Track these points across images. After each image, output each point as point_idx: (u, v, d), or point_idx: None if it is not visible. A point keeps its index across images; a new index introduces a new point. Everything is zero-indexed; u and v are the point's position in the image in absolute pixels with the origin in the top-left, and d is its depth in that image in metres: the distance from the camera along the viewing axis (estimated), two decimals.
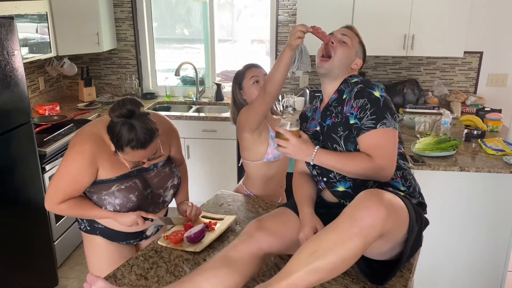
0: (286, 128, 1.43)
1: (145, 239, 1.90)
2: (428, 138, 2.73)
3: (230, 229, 1.79)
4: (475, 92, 3.82)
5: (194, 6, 4.20)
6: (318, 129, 1.56)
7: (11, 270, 2.46)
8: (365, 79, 1.53)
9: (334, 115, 1.50)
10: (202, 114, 3.79)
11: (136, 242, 1.89)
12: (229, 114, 2.52)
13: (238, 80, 2.11)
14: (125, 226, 1.72)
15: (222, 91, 4.03)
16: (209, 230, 1.74)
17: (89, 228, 1.81)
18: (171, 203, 1.90)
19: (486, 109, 3.34)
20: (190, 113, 3.81)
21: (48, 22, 3.32)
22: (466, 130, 2.88)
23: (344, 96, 1.50)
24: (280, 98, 3.72)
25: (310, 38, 1.57)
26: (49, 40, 3.35)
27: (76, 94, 4.18)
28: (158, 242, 1.69)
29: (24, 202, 2.53)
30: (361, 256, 1.18)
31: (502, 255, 2.62)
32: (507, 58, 3.68)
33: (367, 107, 1.40)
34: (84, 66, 4.08)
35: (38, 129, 3.04)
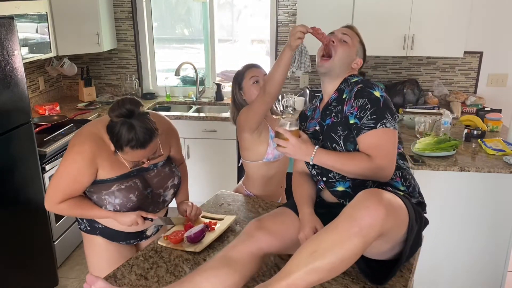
0: (285, 128, 1.43)
1: (145, 239, 1.90)
2: (428, 138, 2.73)
3: (230, 229, 1.79)
4: (475, 92, 3.82)
5: (194, 6, 4.20)
6: (318, 128, 1.56)
7: (11, 270, 2.46)
8: (365, 79, 1.52)
9: (334, 115, 1.50)
10: (202, 114, 3.79)
11: (136, 242, 1.89)
12: (229, 114, 2.51)
13: (238, 80, 2.10)
14: (125, 226, 1.72)
15: (222, 91, 4.03)
16: (209, 230, 1.74)
17: (89, 228, 1.81)
18: (171, 203, 1.90)
19: (486, 109, 3.34)
20: (190, 113, 3.81)
21: (48, 22, 3.32)
22: (466, 130, 2.88)
23: (344, 95, 1.50)
24: (280, 98, 3.72)
25: (310, 38, 1.57)
26: (49, 40, 3.35)
27: (76, 94, 4.18)
28: (158, 242, 1.69)
29: (24, 202, 2.53)
30: (360, 256, 1.18)
31: (502, 255, 2.62)
32: (507, 58, 3.68)
33: (367, 107, 1.40)
34: (84, 66, 4.08)
35: (38, 129, 3.04)
